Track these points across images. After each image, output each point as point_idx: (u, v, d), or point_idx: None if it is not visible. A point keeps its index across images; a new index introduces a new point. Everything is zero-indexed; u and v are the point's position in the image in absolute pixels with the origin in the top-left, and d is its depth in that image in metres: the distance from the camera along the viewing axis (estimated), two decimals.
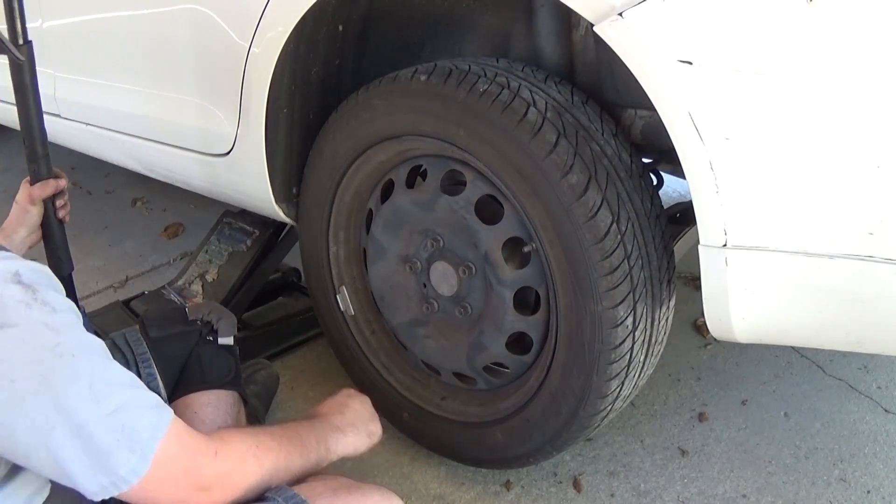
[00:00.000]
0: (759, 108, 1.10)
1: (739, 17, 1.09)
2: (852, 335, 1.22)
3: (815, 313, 1.21)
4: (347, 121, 1.62)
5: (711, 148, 1.12)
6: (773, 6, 1.06)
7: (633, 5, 1.13)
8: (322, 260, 1.82)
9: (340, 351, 1.90)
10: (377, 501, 1.29)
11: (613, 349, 1.41)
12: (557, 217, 1.36)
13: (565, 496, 1.75)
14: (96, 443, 0.97)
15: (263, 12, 1.60)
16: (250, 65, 1.67)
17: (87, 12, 2.15)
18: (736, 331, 1.26)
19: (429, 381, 1.81)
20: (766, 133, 1.11)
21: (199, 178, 2.03)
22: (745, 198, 1.14)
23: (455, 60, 1.53)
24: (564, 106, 1.41)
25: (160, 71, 1.97)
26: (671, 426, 1.96)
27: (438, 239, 1.59)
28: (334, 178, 1.70)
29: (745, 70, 1.09)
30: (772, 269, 1.17)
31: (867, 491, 1.74)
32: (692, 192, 1.17)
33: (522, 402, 1.59)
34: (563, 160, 1.34)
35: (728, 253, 1.18)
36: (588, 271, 1.36)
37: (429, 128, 1.49)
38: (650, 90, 1.15)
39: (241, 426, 1.60)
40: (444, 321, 1.66)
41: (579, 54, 1.57)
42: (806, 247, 1.14)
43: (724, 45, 1.10)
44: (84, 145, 2.42)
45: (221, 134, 1.84)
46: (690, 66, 1.11)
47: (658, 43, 1.12)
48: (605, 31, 1.16)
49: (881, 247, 1.10)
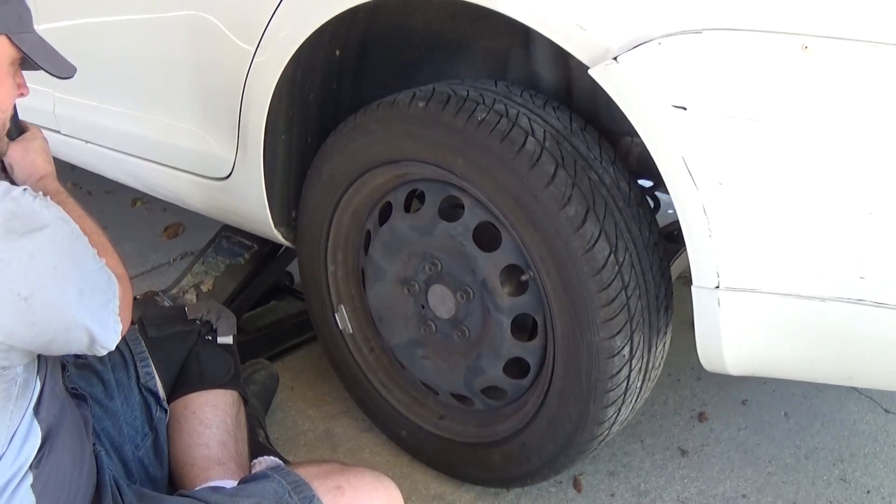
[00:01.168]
0: (753, 154, 1.17)
1: (734, 64, 1.15)
2: (843, 371, 1.30)
3: (806, 351, 1.28)
4: (346, 143, 1.69)
5: (705, 193, 1.19)
6: (769, 53, 1.13)
7: (628, 49, 1.19)
8: (320, 279, 1.89)
9: (339, 368, 1.98)
10: (369, 481, 1.40)
11: (610, 378, 1.48)
12: (555, 248, 1.42)
13: (565, 496, 1.83)
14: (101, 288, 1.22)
15: (260, 42, 1.67)
16: (248, 93, 1.74)
17: (85, 35, 2.21)
18: (728, 366, 1.34)
19: (427, 400, 1.88)
20: (759, 179, 1.18)
21: (198, 201, 2.11)
22: (737, 241, 1.21)
23: (453, 84, 1.59)
24: (563, 134, 1.47)
25: (159, 97, 2.05)
26: (671, 426, 2.03)
27: (436, 262, 1.66)
28: (333, 199, 1.77)
29: (739, 116, 1.15)
30: (764, 310, 1.25)
31: (867, 491, 1.82)
32: (685, 235, 1.23)
33: (520, 426, 1.67)
34: (561, 191, 1.40)
35: (721, 294, 1.24)
36: (585, 302, 1.43)
37: (427, 155, 1.55)
38: (644, 134, 1.22)
39: (241, 426, 1.66)
40: (442, 343, 1.73)
41: (576, 80, 1.62)
42: (798, 289, 1.21)
43: (719, 91, 1.17)
44: (84, 162, 2.49)
45: (221, 159, 1.92)
46: (685, 111, 1.17)
47: (652, 88, 1.19)
48: (600, 74, 1.22)
49: (872, 291, 1.17)
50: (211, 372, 1.66)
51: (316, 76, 1.75)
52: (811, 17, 1.10)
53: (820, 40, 1.09)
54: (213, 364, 1.66)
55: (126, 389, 1.60)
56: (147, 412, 1.60)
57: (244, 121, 1.79)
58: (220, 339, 1.71)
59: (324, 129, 1.79)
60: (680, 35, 1.15)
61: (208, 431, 1.60)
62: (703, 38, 1.15)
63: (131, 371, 1.61)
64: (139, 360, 1.62)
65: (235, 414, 1.65)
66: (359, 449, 1.99)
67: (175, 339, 1.67)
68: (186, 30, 1.85)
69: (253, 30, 1.68)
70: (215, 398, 1.63)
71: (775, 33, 1.11)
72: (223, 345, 1.71)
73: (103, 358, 1.59)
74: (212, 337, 1.70)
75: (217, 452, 1.58)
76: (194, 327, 1.69)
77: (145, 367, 1.61)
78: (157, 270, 2.88)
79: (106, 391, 1.57)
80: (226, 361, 1.69)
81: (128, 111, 2.15)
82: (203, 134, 1.93)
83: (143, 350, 1.62)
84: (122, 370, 1.61)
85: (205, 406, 1.62)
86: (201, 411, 1.61)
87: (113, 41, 2.14)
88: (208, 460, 1.57)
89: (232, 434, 1.62)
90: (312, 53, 1.66)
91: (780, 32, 1.11)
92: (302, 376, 2.24)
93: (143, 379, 1.61)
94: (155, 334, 1.66)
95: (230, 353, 1.71)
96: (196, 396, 1.62)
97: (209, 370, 1.65)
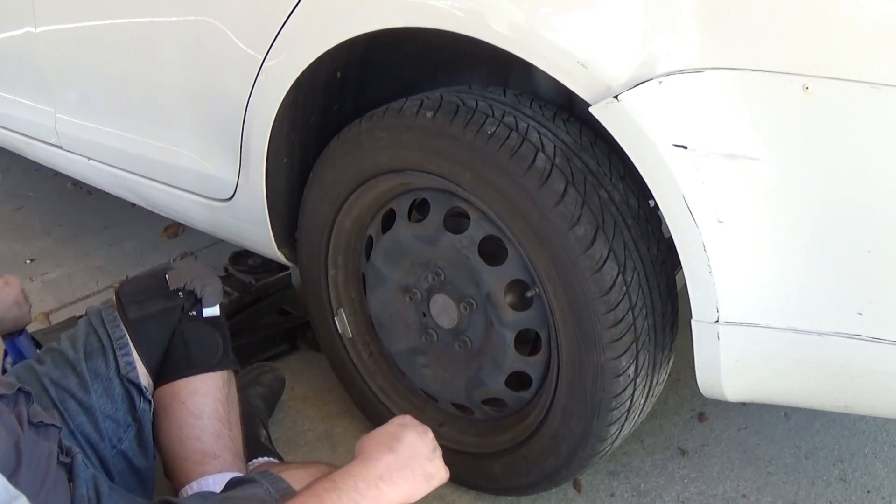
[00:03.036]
0: (753, 192, 1.27)
1: (735, 103, 1.24)
2: (841, 401, 1.42)
3: (804, 383, 1.40)
4: (350, 150, 1.78)
5: (705, 231, 1.28)
6: (770, 93, 1.23)
7: (629, 88, 1.28)
8: (320, 282, 2.00)
9: (339, 372, 2.09)
10: None
11: (615, 397, 1.59)
12: (563, 268, 1.51)
13: (565, 496, 1.93)
14: None
15: (261, 68, 1.77)
16: (249, 118, 1.86)
17: (89, 54, 2.33)
18: (727, 394, 1.47)
19: (426, 407, 1.99)
20: (759, 217, 1.29)
21: (202, 220, 2.25)
22: (737, 278, 1.32)
23: (461, 92, 1.67)
24: (573, 149, 1.55)
25: (161, 122, 2.17)
26: (671, 426, 2.13)
27: (440, 272, 1.76)
28: (335, 204, 1.86)
29: (740, 155, 1.22)
30: (762, 344, 1.36)
31: (867, 491, 1.91)
32: (685, 270, 1.34)
33: (521, 439, 1.78)
34: (570, 211, 1.48)
35: (720, 328, 1.35)
36: (592, 323, 1.52)
37: (433, 166, 1.64)
38: (645, 172, 1.31)
39: (234, 407, 1.68)
40: (444, 352, 1.84)
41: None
42: (796, 324, 1.31)
43: (719, 131, 1.27)
44: (86, 177, 2.63)
45: (223, 181, 2.04)
46: (685, 150, 1.24)
47: (653, 126, 1.28)
48: (601, 112, 1.32)
49: (870, 326, 1.29)
50: (198, 354, 1.65)
51: (317, 99, 1.84)
52: (812, 58, 1.19)
53: (821, 81, 1.18)
54: (200, 344, 1.66)
55: (105, 379, 1.60)
56: (130, 403, 1.62)
57: (246, 145, 1.90)
58: (206, 310, 1.69)
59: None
60: (681, 74, 1.24)
61: (199, 423, 1.62)
62: (704, 78, 1.23)
63: (110, 360, 1.61)
64: (119, 348, 1.62)
65: (226, 397, 1.67)
66: None
67: (157, 320, 1.64)
68: (188, 57, 1.97)
69: (254, 58, 1.77)
70: (204, 384, 1.64)
71: (776, 73, 1.21)
72: (210, 318, 1.69)
73: (77, 345, 1.61)
74: (197, 311, 1.68)
75: (211, 445, 1.61)
76: (177, 301, 1.67)
77: (126, 357, 1.62)
78: None
79: (81, 384, 1.58)
80: (213, 339, 1.68)
81: (131, 135, 2.27)
82: (207, 155, 2.05)
83: (123, 335, 1.62)
84: (101, 357, 1.61)
85: (194, 395, 1.62)
86: (190, 401, 1.62)
87: (115, 63, 2.25)
88: (203, 454, 1.61)
89: (225, 421, 1.65)
90: (313, 76, 1.75)
91: (781, 73, 1.20)
92: (302, 376, 2.35)
93: (123, 370, 1.61)
94: (135, 315, 1.63)
95: (217, 329, 1.70)
96: (184, 384, 1.63)
97: (196, 352, 1.65)
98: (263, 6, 1.76)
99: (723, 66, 1.21)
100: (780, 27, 1.19)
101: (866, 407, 1.44)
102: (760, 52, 1.20)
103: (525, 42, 1.39)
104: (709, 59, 1.22)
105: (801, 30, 1.18)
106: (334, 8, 1.65)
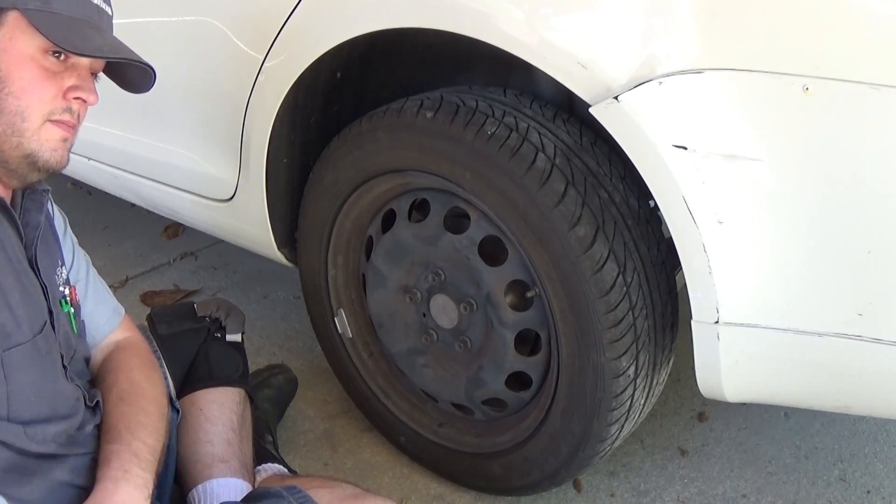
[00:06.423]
0: (753, 193, 1.27)
1: (735, 104, 1.25)
2: (840, 402, 1.43)
3: (803, 383, 1.41)
4: (350, 150, 1.79)
5: (705, 231, 1.29)
6: (770, 93, 1.24)
7: (629, 89, 1.29)
8: (320, 282, 2.01)
9: (339, 372, 2.10)
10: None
11: (615, 397, 1.60)
12: (563, 268, 1.53)
13: (565, 496, 1.95)
14: None
15: (261, 68, 1.78)
16: (249, 119, 1.87)
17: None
18: (727, 394, 1.48)
19: (426, 407, 2.00)
20: (758, 217, 1.29)
21: (202, 221, 2.26)
22: (737, 278, 1.33)
23: (461, 93, 1.69)
24: (573, 149, 1.56)
25: (161, 122, 2.17)
26: (671, 426, 2.15)
27: (440, 273, 1.77)
28: (335, 204, 1.87)
29: (740, 156, 1.23)
30: (762, 344, 1.37)
31: (867, 491, 1.93)
32: (685, 272, 1.34)
33: (521, 440, 1.79)
34: (571, 211, 1.49)
35: (720, 329, 1.36)
36: (592, 323, 1.54)
37: (434, 167, 1.65)
38: (645, 173, 1.33)
39: (247, 425, 1.73)
40: (444, 352, 1.85)
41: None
42: (796, 325, 1.32)
43: (719, 131, 1.28)
44: (86, 177, 2.63)
45: (223, 181, 2.05)
46: (685, 150, 1.25)
47: (653, 127, 1.29)
48: (601, 112, 1.33)
49: (869, 327, 1.30)
50: (220, 369, 1.74)
51: (317, 99, 1.86)
52: (812, 59, 1.20)
53: (821, 81, 1.19)
54: (221, 361, 1.75)
55: None
56: None
57: (246, 145, 1.92)
58: (228, 336, 1.80)
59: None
60: (681, 75, 1.25)
61: (214, 429, 1.66)
62: (704, 79, 1.25)
63: None
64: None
65: (241, 412, 1.72)
66: (359, 449, 2.10)
67: (185, 337, 1.76)
68: (189, 57, 1.98)
69: (254, 58, 1.79)
70: (223, 395, 1.70)
71: (776, 74, 1.22)
72: (232, 342, 1.80)
73: None
74: (220, 335, 1.79)
75: (221, 450, 1.64)
76: (204, 324, 1.79)
77: (160, 368, 1.67)
78: (157, 270, 3.00)
79: None
80: (234, 359, 1.78)
81: (132, 136, 2.27)
82: (207, 156, 2.06)
83: (155, 349, 1.69)
84: None
85: (212, 403, 1.68)
86: (208, 408, 1.67)
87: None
88: (212, 457, 1.63)
89: (237, 432, 1.69)
90: (313, 77, 1.76)
91: (781, 73, 1.22)
92: (302, 376, 2.35)
93: None
94: (165, 331, 1.74)
95: (238, 352, 1.80)
96: (204, 393, 1.69)
97: (218, 367, 1.74)
98: (263, 6, 1.77)
99: (723, 66, 1.23)
100: (780, 28, 1.20)
101: (866, 407, 1.45)
102: (760, 53, 1.21)
103: (525, 43, 1.40)
104: (709, 59, 1.23)
105: (801, 31, 1.19)
106: (334, 8, 1.66)
